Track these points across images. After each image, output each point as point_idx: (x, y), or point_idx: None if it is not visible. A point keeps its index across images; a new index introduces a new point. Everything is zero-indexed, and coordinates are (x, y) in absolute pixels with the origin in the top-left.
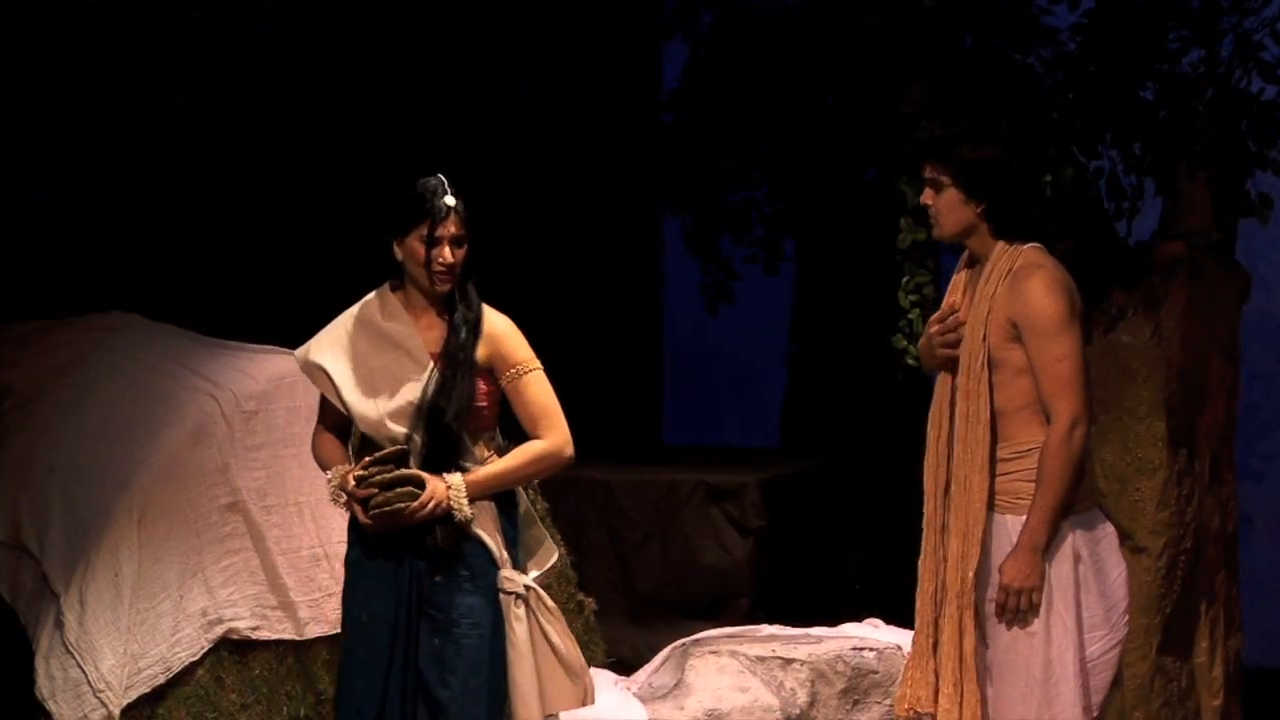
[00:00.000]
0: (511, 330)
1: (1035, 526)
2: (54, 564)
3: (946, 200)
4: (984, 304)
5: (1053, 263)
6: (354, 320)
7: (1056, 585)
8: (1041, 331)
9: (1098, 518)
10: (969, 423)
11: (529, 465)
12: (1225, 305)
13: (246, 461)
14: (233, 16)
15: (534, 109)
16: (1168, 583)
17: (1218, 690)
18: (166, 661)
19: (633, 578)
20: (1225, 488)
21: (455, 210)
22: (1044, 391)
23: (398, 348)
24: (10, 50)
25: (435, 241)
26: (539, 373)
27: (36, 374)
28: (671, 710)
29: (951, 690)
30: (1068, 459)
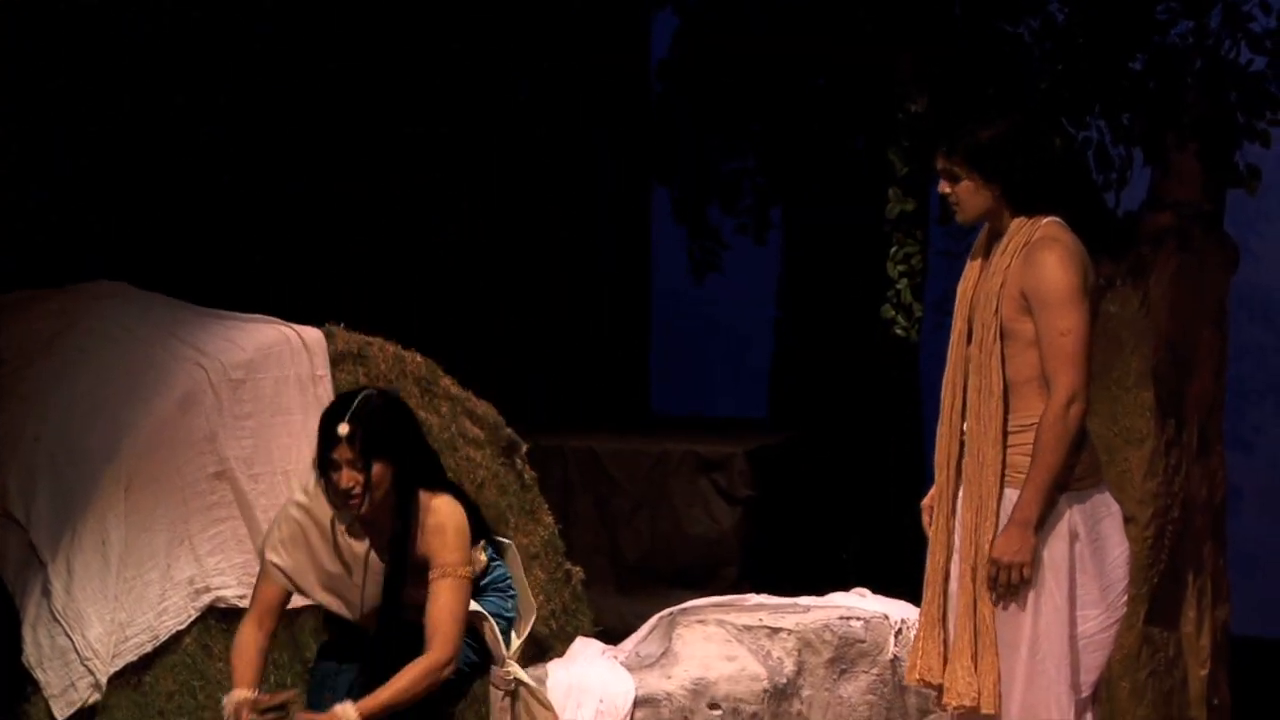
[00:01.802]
0: (450, 528)
1: (1027, 501)
2: (41, 533)
3: (964, 189)
4: (998, 276)
5: (1070, 237)
6: (308, 517)
7: (1050, 563)
8: (1049, 304)
9: (1101, 495)
10: (982, 395)
11: (415, 684)
12: (1214, 276)
13: (234, 430)
14: (233, 16)
15: (534, 109)
16: (1155, 553)
17: (1205, 660)
18: (154, 630)
19: (620, 547)
20: (1213, 458)
21: (344, 438)
22: (1046, 365)
23: (349, 560)
24: (10, 50)
25: (332, 467)
26: (459, 581)
27: (25, 342)
28: (659, 679)
29: (970, 662)
30: (1062, 434)
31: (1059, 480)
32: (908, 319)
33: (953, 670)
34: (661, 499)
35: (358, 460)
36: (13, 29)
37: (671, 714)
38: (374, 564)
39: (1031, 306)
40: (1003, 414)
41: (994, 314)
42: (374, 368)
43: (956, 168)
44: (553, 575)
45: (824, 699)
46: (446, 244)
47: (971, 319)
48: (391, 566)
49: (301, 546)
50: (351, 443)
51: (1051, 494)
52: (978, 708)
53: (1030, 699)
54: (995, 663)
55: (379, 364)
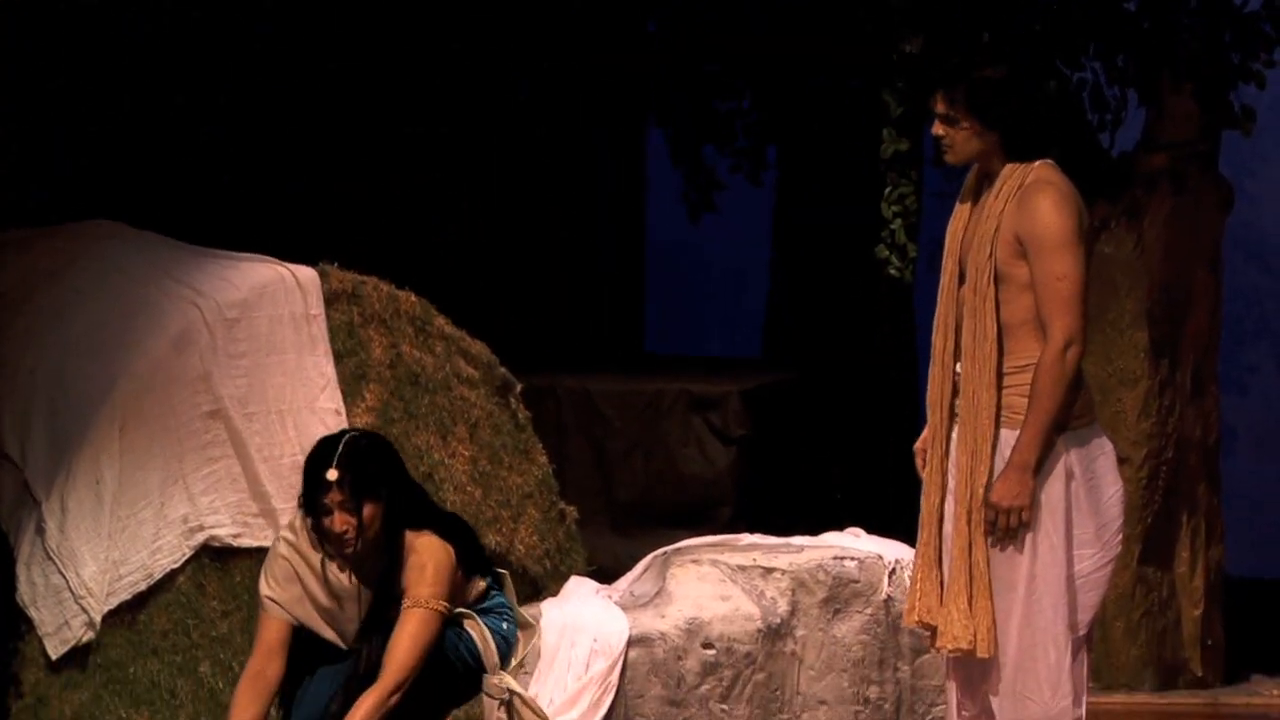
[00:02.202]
0: (430, 565)
1: (1025, 445)
2: (35, 471)
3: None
4: (992, 220)
5: (1063, 180)
6: (297, 556)
7: (1046, 503)
8: (1045, 248)
9: (1095, 435)
10: (976, 339)
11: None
12: (1208, 217)
13: (229, 369)
14: (233, 16)
15: (534, 109)
16: (1149, 493)
17: (1198, 600)
18: (148, 568)
19: (614, 486)
20: (1207, 399)
21: (334, 483)
22: (1042, 309)
23: (340, 593)
24: (10, 50)
25: (323, 511)
26: (428, 613)
27: (22, 279)
28: (653, 619)
29: (965, 606)
30: (1059, 378)
31: (1057, 423)
32: (902, 259)
33: (947, 614)
34: (655, 439)
35: (348, 503)
36: (13, 29)
37: (665, 654)
38: (365, 598)
39: (1026, 250)
40: (997, 358)
41: (988, 258)
42: (368, 307)
43: (956, 112)
44: (547, 515)
45: (818, 639)
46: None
47: (963, 261)
48: (374, 605)
49: (294, 581)
50: (341, 487)
51: (1050, 437)
52: (972, 651)
53: (1027, 638)
54: (989, 607)
55: (373, 303)
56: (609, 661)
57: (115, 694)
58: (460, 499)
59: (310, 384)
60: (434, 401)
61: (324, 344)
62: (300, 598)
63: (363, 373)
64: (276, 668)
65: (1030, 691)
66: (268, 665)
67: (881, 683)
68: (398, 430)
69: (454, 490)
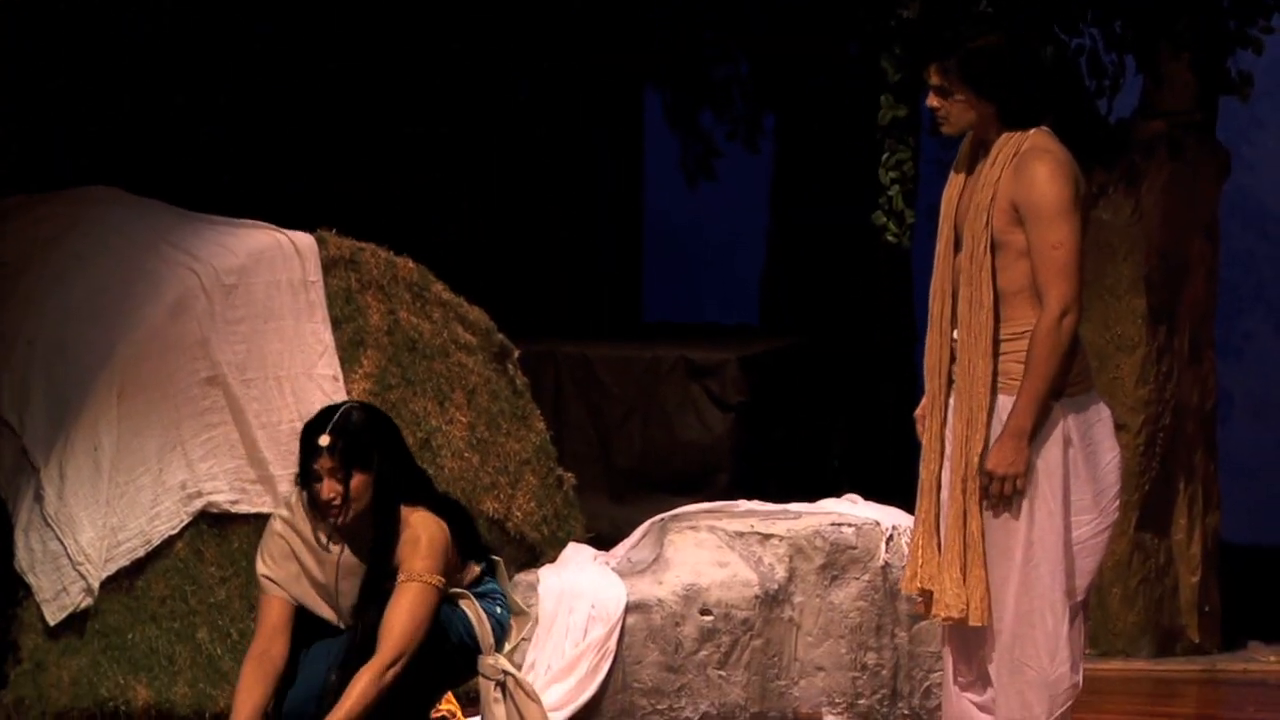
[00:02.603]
0: (424, 539)
1: (1021, 411)
2: (34, 438)
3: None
4: (988, 188)
5: (1059, 148)
6: (293, 533)
7: (1044, 469)
8: (1041, 216)
9: (1092, 401)
10: (972, 307)
11: (366, 694)
12: (1206, 184)
13: (226, 335)
14: (233, 16)
15: (534, 109)
16: (1146, 459)
17: (1195, 567)
18: (146, 535)
19: (612, 453)
20: (1204, 365)
21: (328, 450)
22: (1038, 277)
23: (333, 569)
24: (10, 50)
25: (314, 478)
26: (424, 588)
27: (21, 246)
28: (650, 585)
29: (959, 575)
30: (1055, 346)
31: (1053, 390)
32: (899, 225)
33: (941, 582)
34: (653, 405)
35: (338, 470)
36: (13, 29)
37: (663, 620)
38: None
39: (1023, 218)
40: (993, 325)
41: (984, 226)
42: (366, 273)
43: (949, 83)
44: (544, 481)
45: (815, 605)
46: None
47: (960, 229)
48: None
49: (290, 558)
50: (332, 453)
51: (1046, 404)
52: (965, 619)
53: (1025, 605)
54: (983, 576)
55: (371, 270)
56: (607, 628)
57: (113, 660)
58: (458, 465)
59: (308, 350)
60: (431, 367)
61: (322, 310)
62: (297, 575)
63: (361, 339)
64: (280, 647)
65: (1028, 658)
66: (271, 645)
67: (879, 649)
68: (395, 396)
69: (451, 456)
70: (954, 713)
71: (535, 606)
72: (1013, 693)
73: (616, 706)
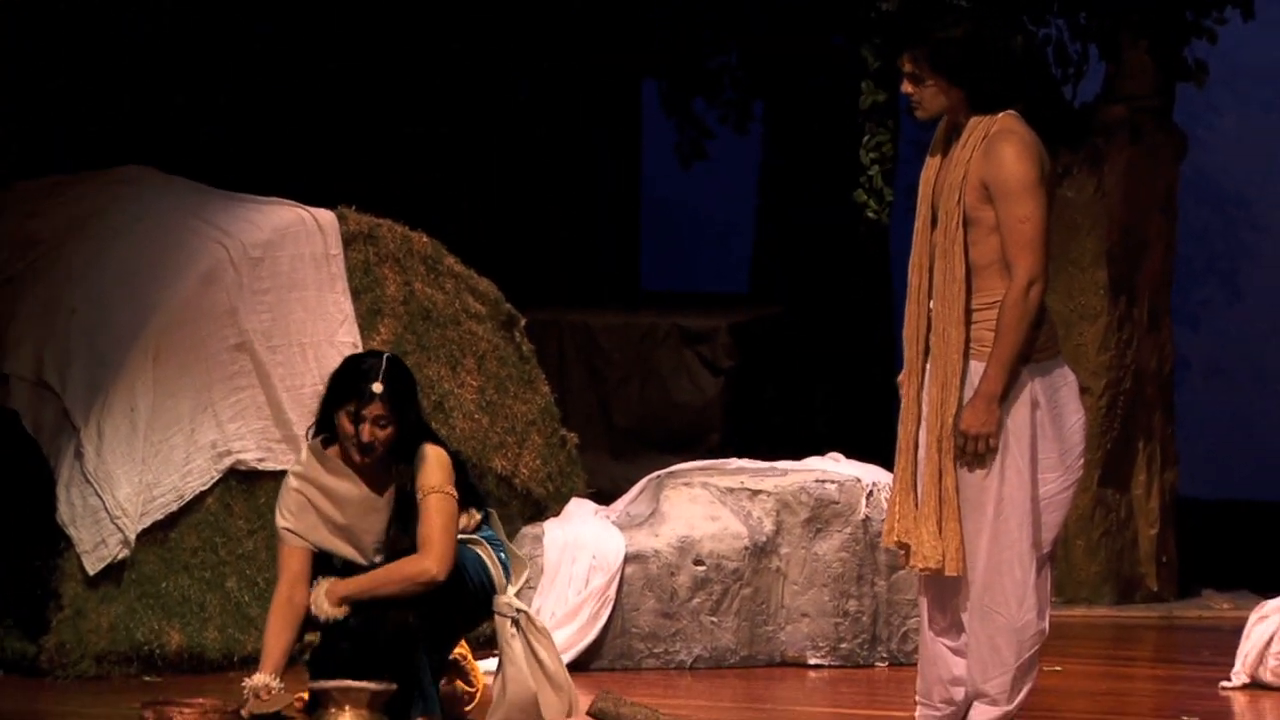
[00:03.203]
0: (433, 460)
1: (992, 375)
2: (74, 400)
3: (928, 89)
4: (960, 168)
5: (1025, 129)
6: (308, 484)
7: (1014, 430)
8: (1009, 193)
9: (1059, 366)
10: (946, 278)
11: (393, 581)
12: (1163, 164)
13: (253, 305)
14: (233, 16)
15: (535, 104)
16: (1108, 420)
17: (1154, 520)
18: (179, 490)
19: (612, 414)
20: (1162, 332)
21: (380, 397)
22: (1007, 250)
23: (354, 505)
24: (10, 50)
25: (359, 419)
26: (443, 497)
27: (61, 224)
28: (647, 537)
29: (935, 528)
30: (1023, 314)
31: (1021, 355)
32: (879, 203)
33: (919, 536)
34: (650, 370)
35: (384, 417)
36: (13, 29)
37: (659, 570)
38: (374, 503)
39: (992, 195)
40: (965, 296)
41: (957, 204)
42: (383, 247)
43: (921, 70)
44: (549, 440)
45: (800, 556)
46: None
47: (936, 206)
48: (398, 507)
49: (308, 509)
50: (383, 400)
51: (1014, 368)
52: (941, 569)
53: (995, 556)
54: (958, 529)
55: (388, 244)
56: (607, 577)
57: (148, 607)
58: (469, 425)
59: (329, 319)
60: (444, 335)
61: (342, 281)
62: (315, 524)
63: (378, 308)
64: (302, 594)
65: (998, 606)
66: (294, 592)
67: (859, 596)
68: (410, 362)
69: (463, 418)
70: (929, 655)
71: (541, 557)
72: (984, 637)
73: (616, 649)
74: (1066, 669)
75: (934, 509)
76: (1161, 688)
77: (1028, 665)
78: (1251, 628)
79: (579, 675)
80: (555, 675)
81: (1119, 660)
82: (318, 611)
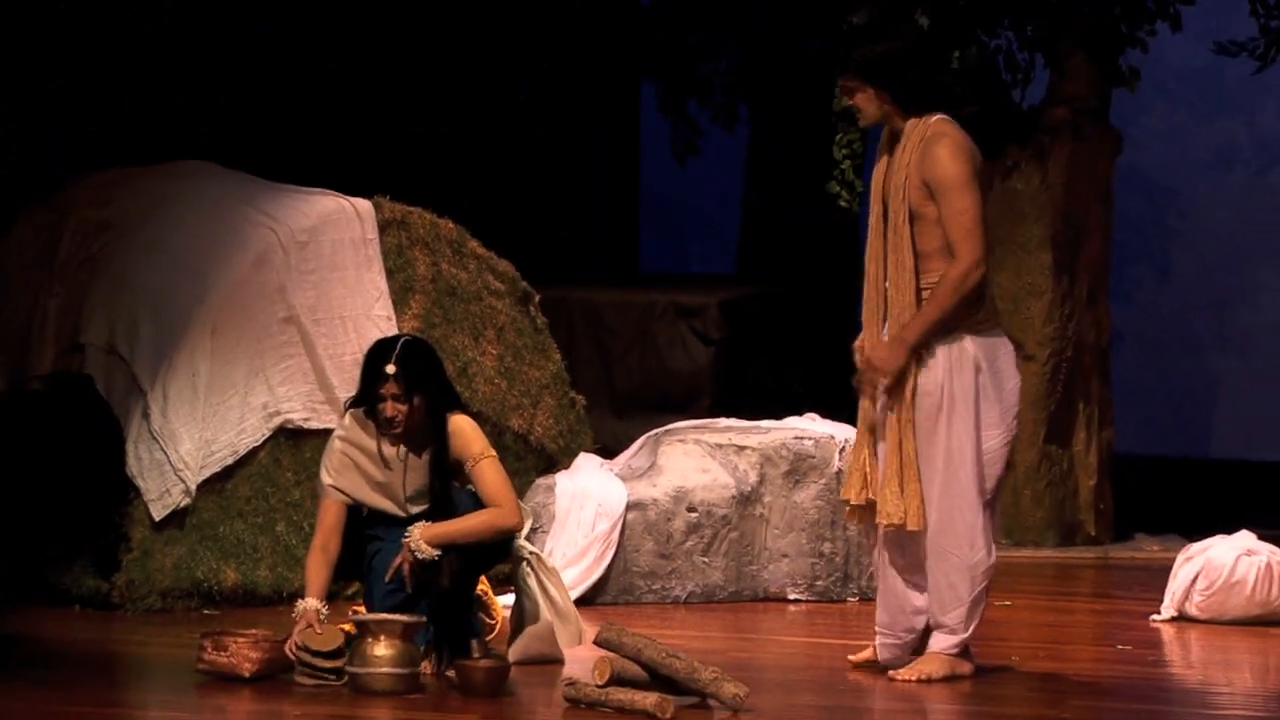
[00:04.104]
0: (468, 430)
1: (913, 327)
2: (142, 366)
3: (862, 99)
4: (903, 170)
5: (957, 130)
6: (352, 448)
7: (959, 391)
8: (948, 189)
9: (999, 336)
10: (898, 267)
11: (481, 528)
12: (1101, 159)
13: (300, 283)
14: (233, 16)
15: (537, 109)
16: (1052, 385)
17: (1092, 473)
18: (234, 446)
19: (615, 380)
20: (1100, 308)
21: (395, 377)
22: (950, 238)
23: (394, 464)
24: (10, 50)
25: (379, 399)
26: (491, 461)
27: (130, 211)
28: (646, 487)
29: (898, 488)
30: (959, 288)
31: (944, 323)
32: (850, 193)
33: (883, 495)
34: (648, 341)
35: (401, 394)
36: (13, 29)
37: (656, 516)
38: (412, 463)
39: (933, 192)
40: (915, 282)
41: (903, 202)
42: (414, 232)
43: (853, 82)
44: (560, 402)
45: (781, 504)
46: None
47: (886, 204)
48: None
49: (350, 468)
50: (397, 380)
51: (935, 330)
52: (904, 525)
53: (947, 503)
54: (919, 489)
55: (418, 229)
56: (610, 522)
57: (207, 549)
58: (489, 389)
59: (367, 295)
60: (468, 309)
61: (378, 262)
62: (359, 482)
63: (410, 286)
64: (336, 542)
65: (952, 547)
66: (330, 541)
67: (833, 540)
68: (438, 333)
69: (484, 382)
70: (892, 591)
71: (552, 505)
72: (940, 575)
73: (619, 586)
74: (1015, 603)
75: (896, 471)
76: (1098, 620)
77: (980, 597)
78: (1178, 568)
79: (586, 609)
80: (564, 609)
81: (1061, 596)
82: (418, 550)
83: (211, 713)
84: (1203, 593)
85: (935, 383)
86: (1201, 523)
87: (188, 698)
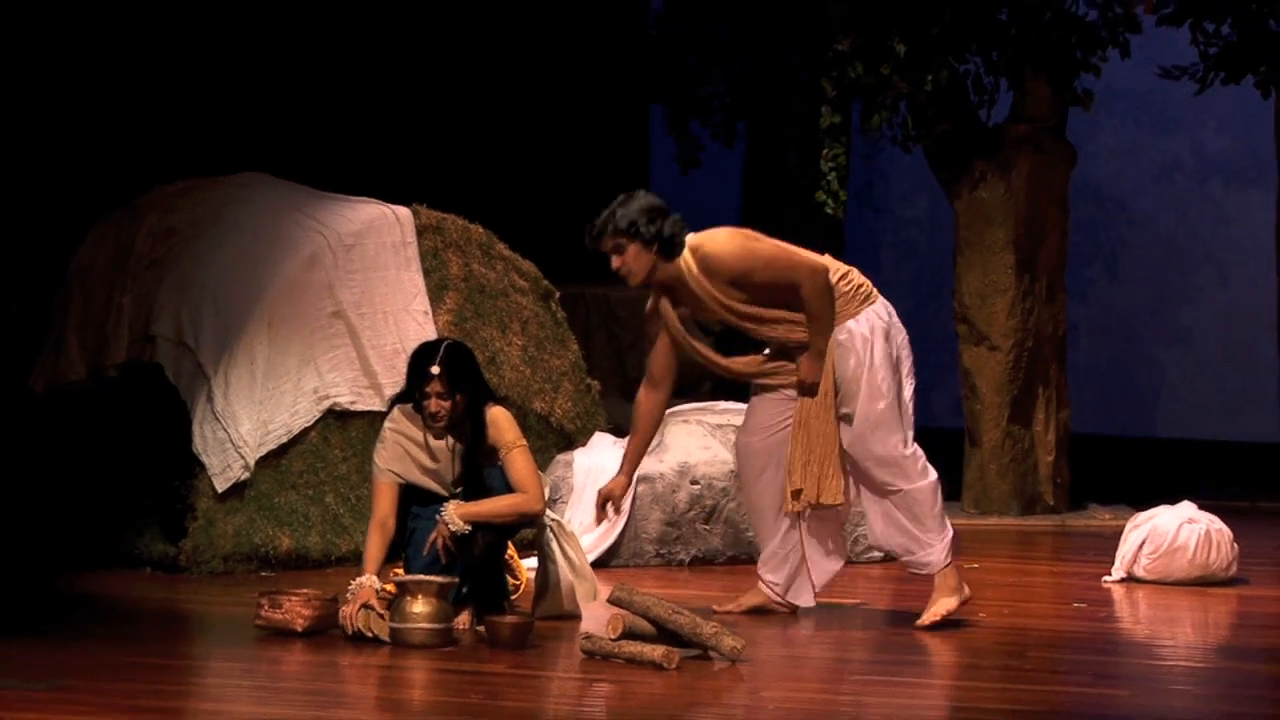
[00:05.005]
0: (503, 421)
1: (815, 340)
2: (206, 355)
3: (630, 254)
4: (708, 298)
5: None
6: (403, 438)
7: (879, 358)
8: (746, 267)
9: (876, 309)
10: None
11: (507, 511)
12: (1059, 171)
13: (346, 281)
14: (233, 16)
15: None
16: (1014, 372)
17: (1051, 449)
18: (288, 426)
19: (626, 366)
20: (1057, 303)
21: (436, 376)
22: (785, 281)
23: (441, 452)
24: (10, 50)
25: (424, 396)
26: (521, 450)
27: (193, 218)
28: (654, 463)
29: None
30: (821, 295)
31: (830, 325)
32: (835, 202)
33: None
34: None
35: (444, 392)
36: (13, 29)
37: (663, 488)
38: (458, 452)
39: (743, 277)
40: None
41: (736, 316)
42: (447, 236)
43: (619, 240)
44: (578, 387)
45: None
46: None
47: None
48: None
49: (402, 455)
50: (441, 380)
51: (830, 333)
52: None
53: (886, 450)
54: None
55: (451, 233)
56: None
57: (264, 518)
58: (515, 376)
59: (406, 293)
60: (495, 305)
61: (416, 263)
62: (410, 467)
63: (444, 284)
64: (392, 520)
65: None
66: (386, 519)
67: None
68: (469, 326)
69: (510, 370)
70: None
71: (571, 478)
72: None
73: (629, 551)
74: (982, 566)
75: (823, 456)
76: (1057, 581)
77: (942, 513)
78: (1127, 534)
79: (600, 570)
80: (581, 570)
81: (1023, 559)
82: (452, 524)
83: (268, 664)
84: (1149, 556)
85: (849, 368)
86: (1148, 494)
87: (247, 650)
